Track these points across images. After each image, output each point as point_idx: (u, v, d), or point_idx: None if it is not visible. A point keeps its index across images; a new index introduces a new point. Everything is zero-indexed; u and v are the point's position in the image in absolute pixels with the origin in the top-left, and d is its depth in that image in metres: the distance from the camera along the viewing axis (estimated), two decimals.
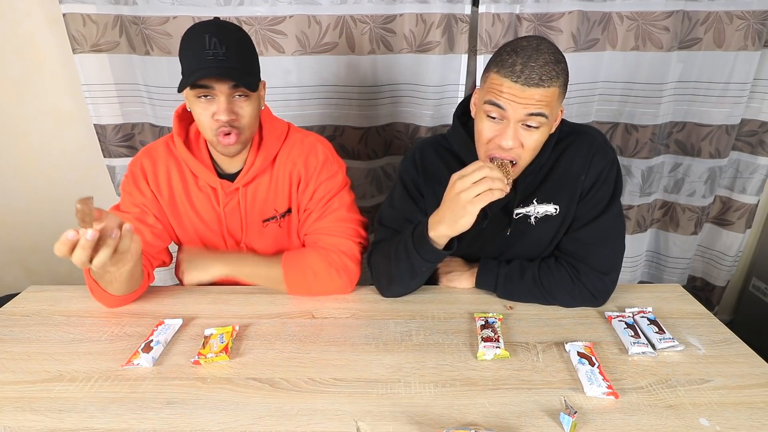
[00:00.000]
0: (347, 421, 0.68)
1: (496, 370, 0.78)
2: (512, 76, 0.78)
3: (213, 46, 0.82)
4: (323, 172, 1.02)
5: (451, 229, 0.83)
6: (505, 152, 0.84)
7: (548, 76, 0.77)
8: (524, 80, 0.77)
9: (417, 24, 1.35)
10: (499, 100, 0.80)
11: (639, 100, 1.48)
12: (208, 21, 0.87)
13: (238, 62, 0.86)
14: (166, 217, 1.03)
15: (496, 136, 0.84)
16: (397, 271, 0.94)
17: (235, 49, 0.85)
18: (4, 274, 1.76)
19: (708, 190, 1.62)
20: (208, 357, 0.80)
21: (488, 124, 0.84)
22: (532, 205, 0.95)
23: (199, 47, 0.83)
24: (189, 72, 0.84)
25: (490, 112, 0.82)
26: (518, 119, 0.80)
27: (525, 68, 0.77)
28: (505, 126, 0.82)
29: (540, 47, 0.79)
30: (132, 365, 0.79)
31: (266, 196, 1.03)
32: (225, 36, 0.84)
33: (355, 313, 0.95)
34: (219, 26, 0.86)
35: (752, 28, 1.37)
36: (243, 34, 0.89)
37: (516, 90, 0.78)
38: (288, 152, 1.02)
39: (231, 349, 0.82)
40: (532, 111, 0.79)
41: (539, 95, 0.78)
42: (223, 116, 0.87)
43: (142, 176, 1.00)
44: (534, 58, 0.77)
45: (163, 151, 1.01)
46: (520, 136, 0.82)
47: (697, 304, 0.97)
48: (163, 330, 0.87)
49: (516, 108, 0.79)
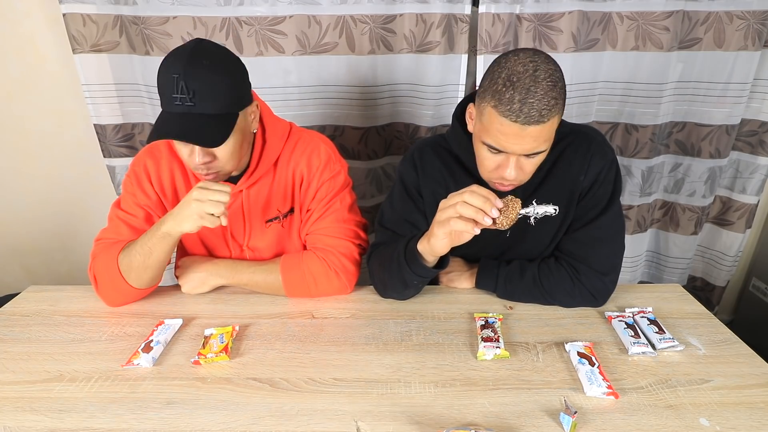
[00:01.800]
0: (347, 421, 0.68)
1: (496, 370, 0.78)
2: (511, 116, 0.73)
3: (181, 90, 0.78)
4: (326, 172, 1.01)
5: (429, 247, 0.83)
6: (508, 182, 0.83)
7: (548, 108, 0.73)
8: (524, 119, 0.73)
9: (417, 24, 1.35)
10: (498, 144, 0.78)
11: (639, 100, 1.48)
12: (182, 52, 0.81)
13: (208, 105, 0.81)
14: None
15: (498, 167, 0.82)
16: (390, 282, 0.94)
17: (207, 91, 0.80)
18: (4, 274, 1.76)
19: (708, 190, 1.62)
20: (208, 357, 0.80)
21: (488, 155, 0.82)
22: (532, 206, 0.95)
23: (169, 91, 0.79)
24: (157, 121, 0.82)
25: (491, 149, 0.81)
26: (523, 154, 0.79)
27: (524, 105, 0.72)
28: (506, 159, 0.80)
29: (537, 73, 0.73)
30: (132, 365, 0.79)
31: (269, 197, 1.02)
32: (195, 76, 0.79)
33: (355, 313, 0.95)
34: (190, 62, 0.79)
35: (752, 28, 1.37)
36: (219, 61, 0.83)
37: (515, 129, 0.74)
38: (290, 152, 1.01)
39: (231, 349, 0.82)
40: (532, 152, 0.78)
41: (538, 131, 0.75)
42: (197, 159, 0.84)
43: (145, 177, 0.99)
44: (533, 91, 0.72)
45: (165, 151, 1.00)
46: (522, 165, 0.81)
47: (697, 304, 0.97)
48: (163, 330, 0.87)
49: (515, 148, 0.77)
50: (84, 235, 1.70)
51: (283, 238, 1.07)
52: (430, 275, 0.90)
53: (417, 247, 0.86)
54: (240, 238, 1.05)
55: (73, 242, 1.72)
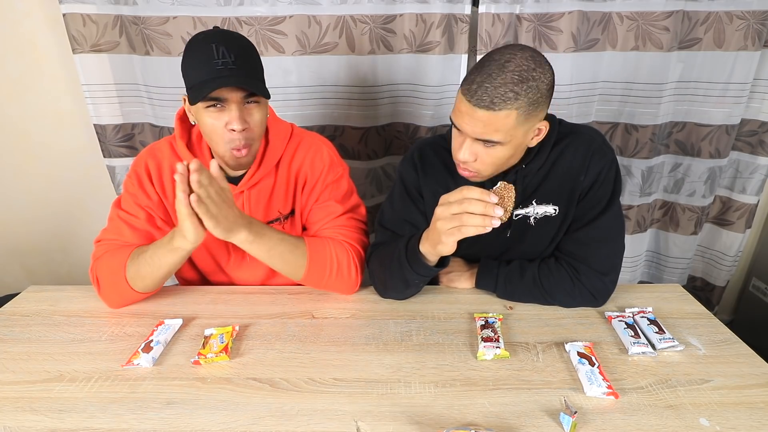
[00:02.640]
0: (347, 421, 0.68)
1: (496, 370, 0.78)
2: (467, 95, 0.77)
3: (221, 54, 0.80)
4: (329, 175, 1.01)
5: (433, 250, 0.83)
6: (463, 165, 0.85)
7: (501, 99, 0.74)
8: (475, 101, 0.76)
9: (417, 24, 1.35)
10: (455, 120, 0.80)
11: (639, 100, 1.48)
12: (210, 31, 0.85)
13: (248, 69, 0.84)
14: (170, 219, 1.02)
15: (457, 147, 0.84)
16: (391, 281, 0.94)
17: (244, 56, 0.84)
18: (4, 274, 1.76)
19: (708, 190, 1.62)
20: (208, 357, 0.80)
21: (455, 133, 0.84)
22: (532, 206, 0.95)
23: (207, 57, 0.80)
24: (200, 83, 0.81)
25: (454, 127, 0.83)
26: (473, 136, 0.80)
27: (479, 88, 0.75)
28: (463, 140, 0.82)
29: (507, 64, 0.74)
30: (132, 365, 0.79)
31: (270, 198, 1.01)
32: (231, 44, 0.82)
33: (355, 313, 0.95)
34: (224, 34, 0.84)
35: (752, 28, 1.37)
36: (248, 41, 0.88)
37: (467, 108, 0.77)
38: (292, 153, 1.01)
39: (231, 349, 0.82)
40: (481, 137, 0.79)
41: (488, 118, 0.76)
42: (236, 125, 0.84)
43: (147, 177, 0.98)
44: (493, 77, 0.74)
45: (167, 151, 0.99)
46: (477, 152, 0.82)
47: (697, 304, 0.97)
48: (163, 330, 0.87)
49: (467, 128, 0.79)
50: (84, 236, 1.70)
51: None
52: (431, 274, 0.90)
53: (419, 247, 0.85)
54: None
55: (73, 242, 1.72)
